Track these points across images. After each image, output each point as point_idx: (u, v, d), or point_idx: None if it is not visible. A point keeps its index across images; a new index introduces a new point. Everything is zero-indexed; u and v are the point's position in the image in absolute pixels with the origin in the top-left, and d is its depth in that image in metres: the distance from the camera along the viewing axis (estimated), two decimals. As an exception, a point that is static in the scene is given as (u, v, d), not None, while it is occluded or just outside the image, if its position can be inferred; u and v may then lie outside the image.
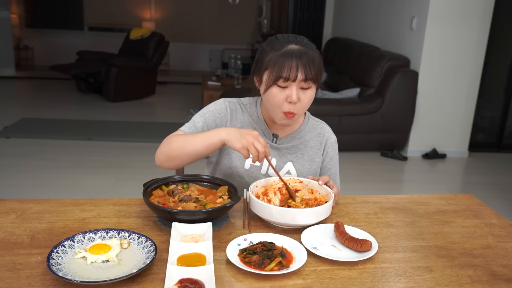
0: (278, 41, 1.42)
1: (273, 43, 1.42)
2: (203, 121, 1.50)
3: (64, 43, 9.16)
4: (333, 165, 1.63)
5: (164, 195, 1.33)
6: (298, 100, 1.38)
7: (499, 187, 4.07)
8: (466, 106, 4.77)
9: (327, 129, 1.63)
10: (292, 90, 1.37)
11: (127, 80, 6.54)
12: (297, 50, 1.37)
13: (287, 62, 1.35)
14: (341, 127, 4.51)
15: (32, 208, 1.32)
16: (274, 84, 1.38)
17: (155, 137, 4.95)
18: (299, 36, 1.44)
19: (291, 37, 1.42)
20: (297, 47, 1.38)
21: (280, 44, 1.40)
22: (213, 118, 1.52)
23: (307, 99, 1.41)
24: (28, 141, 4.61)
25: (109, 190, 3.55)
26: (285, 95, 1.38)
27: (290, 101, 1.38)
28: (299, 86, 1.38)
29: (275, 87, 1.39)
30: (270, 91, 1.40)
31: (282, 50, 1.38)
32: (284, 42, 1.40)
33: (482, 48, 4.63)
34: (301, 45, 1.40)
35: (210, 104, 1.57)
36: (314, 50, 1.42)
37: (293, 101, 1.37)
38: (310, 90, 1.40)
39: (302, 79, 1.36)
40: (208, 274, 0.99)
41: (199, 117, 1.52)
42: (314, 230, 1.24)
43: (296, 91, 1.37)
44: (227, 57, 8.37)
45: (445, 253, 1.20)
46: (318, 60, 1.39)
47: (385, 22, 5.42)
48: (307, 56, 1.36)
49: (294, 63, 1.35)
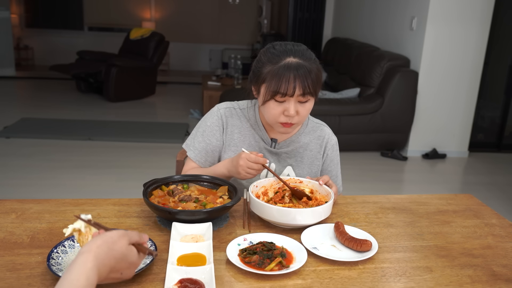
0: (275, 52, 1.39)
1: (270, 55, 1.39)
2: (204, 141, 1.55)
3: (64, 43, 9.17)
4: (333, 167, 1.63)
5: (164, 195, 1.33)
6: (296, 114, 1.39)
7: (499, 187, 4.07)
8: (466, 106, 4.77)
9: (327, 131, 1.62)
10: (290, 104, 1.37)
11: (127, 80, 6.54)
12: (295, 64, 1.35)
13: (284, 78, 1.33)
14: (341, 127, 4.51)
15: (32, 208, 1.32)
16: (271, 99, 1.38)
17: (155, 137, 4.95)
18: (297, 45, 1.41)
19: (289, 48, 1.39)
20: (295, 60, 1.36)
21: (277, 57, 1.37)
22: (212, 133, 1.55)
23: (306, 111, 1.41)
24: (28, 141, 4.61)
25: (109, 190, 3.55)
26: (282, 108, 1.38)
27: (288, 115, 1.38)
28: (297, 100, 1.37)
29: (273, 102, 1.38)
30: (268, 104, 1.40)
31: (279, 64, 1.36)
32: (281, 54, 1.38)
33: (482, 48, 4.63)
34: (299, 57, 1.37)
35: (207, 116, 1.58)
36: (313, 61, 1.39)
37: (290, 115, 1.38)
38: (308, 102, 1.40)
39: (300, 94, 1.35)
40: (208, 274, 0.99)
41: (200, 135, 1.56)
42: (314, 230, 1.24)
43: (294, 106, 1.37)
44: (227, 57, 8.37)
45: (445, 253, 1.20)
46: (316, 72, 1.37)
47: (385, 22, 5.42)
48: (304, 70, 1.34)
49: (291, 79, 1.33)
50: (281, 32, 8.21)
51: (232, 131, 1.54)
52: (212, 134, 1.55)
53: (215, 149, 1.55)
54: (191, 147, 1.57)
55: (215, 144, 1.55)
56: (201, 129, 1.57)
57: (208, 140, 1.55)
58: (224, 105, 1.58)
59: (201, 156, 1.55)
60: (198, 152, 1.55)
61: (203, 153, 1.55)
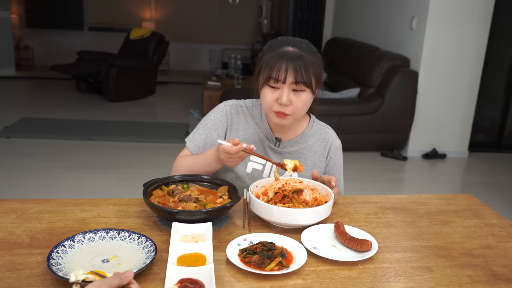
0: (277, 41, 1.43)
1: (271, 44, 1.44)
2: (205, 134, 1.54)
3: (64, 43, 9.17)
4: (336, 171, 1.63)
5: (164, 195, 1.33)
6: (289, 103, 1.38)
7: (499, 187, 4.07)
8: (466, 106, 4.77)
9: (331, 134, 1.62)
10: (283, 91, 1.37)
11: (127, 80, 6.54)
12: (291, 52, 1.37)
13: (277, 63, 1.36)
14: (341, 127, 4.51)
15: (32, 208, 1.32)
16: (266, 85, 1.39)
17: (155, 137, 4.95)
18: (300, 39, 1.43)
19: (290, 39, 1.42)
20: (293, 50, 1.38)
21: (277, 46, 1.41)
22: (215, 128, 1.54)
23: (301, 102, 1.40)
24: (28, 141, 4.60)
25: (109, 190, 3.55)
26: (276, 96, 1.39)
27: (280, 103, 1.38)
28: (290, 88, 1.38)
29: (267, 88, 1.40)
30: (263, 91, 1.41)
31: (277, 51, 1.39)
32: (282, 43, 1.41)
33: (482, 48, 4.63)
34: (298, 48, 1.39)
35: (212, 112, 1.58)
36: (312, 53, 1.40)
37: (283, 103, 1.37)
38: (304, 93, 1.39)
39: (292, 81, 1.36)
40: (208, 274, 0.99)
41: (202, 128, 1.56)
42: (314, 230, 1.24)
43: (286, 93, 1.37)
44: (227, 57, 8.37)
45: (445, 253, 1.20)
46: (313, 63, 1.38)
47: (385, 22, 5.42)
48: (300, 59, 1.36)
49: (284, 64, 1.35)
50: (281, 32, 8.21)
51: (237, 128, 1.54)
52: (214, 128, 1.54)
53: (215, 143, 1.53)
54: (191, 138, 1.57)
55: (215, 139, 1.54)
56: (204, 122, 1.57)
57: (209, 133, 1.54)
58: (230, 102, 1.59)
59: (198, 147, 1.55)
60: (197, 143, 1.55)
61: (202, 144, 1.54)
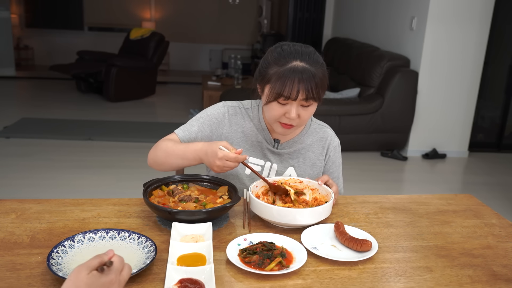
0: (283, 53, 1.38)
1: (277, 55, 1.39)
2: (198, 126, 1.52)
3: (64, 43, 9.17)
4: (335, 169, 1.63)
5: (164, 195, 1.33)
6: (297, 117, 1.38)
7: (499, 187, 4.07)
8: (466, 106, 4.77)
9: (330, 133, 1.62)
10: (292, 107, 1.36)
11: (127, 80, 6.54)
12: (300, 68, 1.34)
13: (289, 81, 1.33)
14: (341, 127, 4.51)
15: (32, 208, 1.32)
16: (274, 100, 1.37)
17: (155, 137, 4.90)
18: (305, 47, 1.40)
19: (297, 50, 1.38)
20: (301, 65, 1.35)
21: (284, 59, 1.36)
22: (209, 123, 1.52)
23: (307, 115, 1.40)
24: (28, 141, 4.61)
25: (109, 190, 3.55)
26: (284, 110, 1.38)
27: (289, 117, 1.38)
28: (299, 104, 1.37)
29: (275, 103, 1.38)
30: (270, 105, 1.39)
31: (285, 66, 1.35)
32: (288, 56, 1.36)
33: (482, 48, 4.63)
34: (306, 61, 1.35)
35: (209, 108, 1.57)
36: (319, 65, 1.38)
37: (291, 118, 1.37)
38: (311, 106, 1.39)
39: (303, 98, 1.35)
40: (208, 274, 0.99)
41: (196, 121, 1.54)
42: (314, 230, 1.24)
43: (295, 109, 1.36)
44: (227, 57, 8.37)
45: (445, 253, 1.20)
46: (321, 76, 1.37)
47: (385, 22, 5.42)
48: (309, 75, 1.33)
49: (296, 85, 1.32)
50: (281, 32, 8.21)
51: (236, 129, 1.54)
52: (208, 124, 1.52)
53: (206, 138, 1.52)
54: (182, 128, 1.53)
55: (207, 135, 1.52)
56: (199, 115, 1.55)
57: (202, 127, 1.52)
58: (229, 103, 1.58)
59: (189, 138, 1.50)
60: (188, 133, 1.51)
61: (193, 136, 1.51)
